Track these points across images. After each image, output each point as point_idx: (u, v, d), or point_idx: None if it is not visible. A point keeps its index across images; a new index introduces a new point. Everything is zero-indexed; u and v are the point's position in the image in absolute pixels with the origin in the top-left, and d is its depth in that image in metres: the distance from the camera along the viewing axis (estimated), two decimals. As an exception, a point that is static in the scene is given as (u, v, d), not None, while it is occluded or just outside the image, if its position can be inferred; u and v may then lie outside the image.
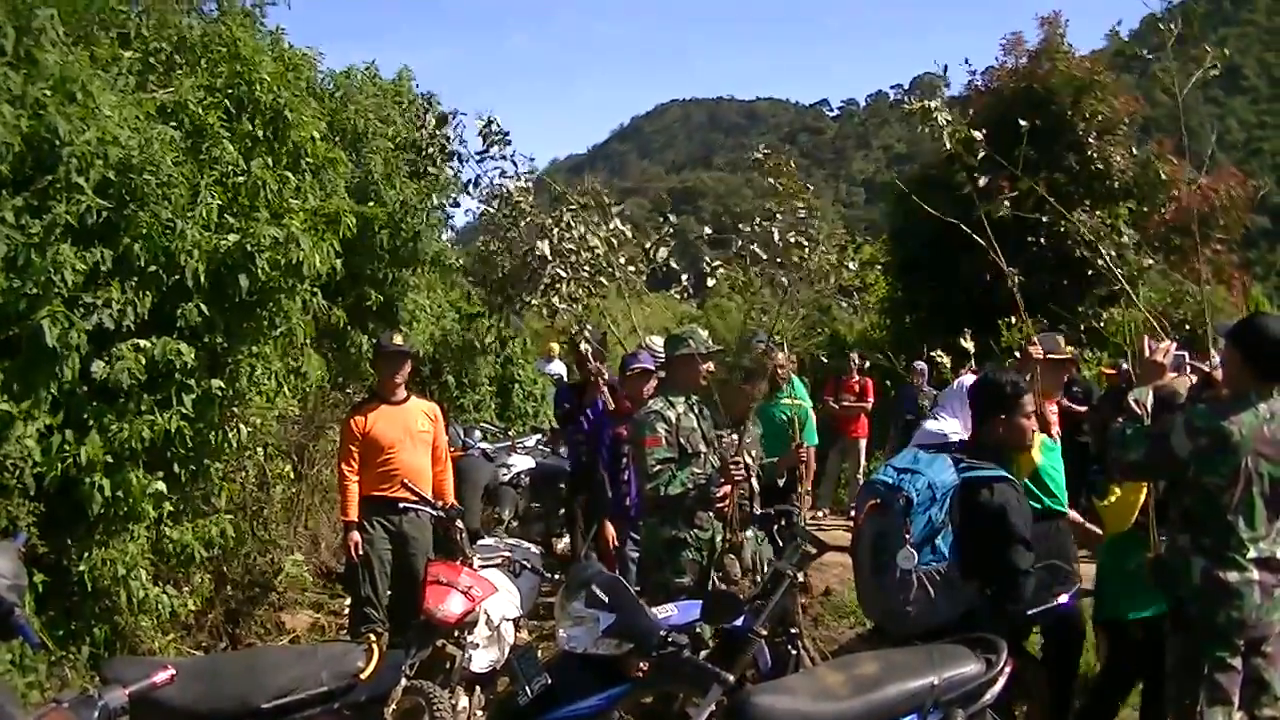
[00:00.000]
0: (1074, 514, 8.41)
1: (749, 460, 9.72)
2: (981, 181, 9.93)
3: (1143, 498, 7.48)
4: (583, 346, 12.76)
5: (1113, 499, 7.57)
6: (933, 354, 13.48)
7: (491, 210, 15.13)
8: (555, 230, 13.80)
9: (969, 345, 11.48)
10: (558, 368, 23.31)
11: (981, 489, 6.26)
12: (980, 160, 9.54)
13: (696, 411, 8.63)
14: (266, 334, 9.69)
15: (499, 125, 14.52)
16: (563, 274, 13.65)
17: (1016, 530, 6.21)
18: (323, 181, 10.69)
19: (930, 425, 8.46)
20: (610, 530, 10.08)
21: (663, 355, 9.55)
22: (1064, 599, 8.23)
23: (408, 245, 14.36)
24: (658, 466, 8.14)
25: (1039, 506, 7.81)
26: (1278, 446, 6.18)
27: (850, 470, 19.42)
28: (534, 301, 14.23)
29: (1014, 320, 13.03)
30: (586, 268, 13.73)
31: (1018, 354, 10.15)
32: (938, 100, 9.29)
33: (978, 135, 9.12)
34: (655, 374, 10.14)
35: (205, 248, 8.68)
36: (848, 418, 19.00)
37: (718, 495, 8.26)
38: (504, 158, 14.77)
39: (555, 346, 25.10)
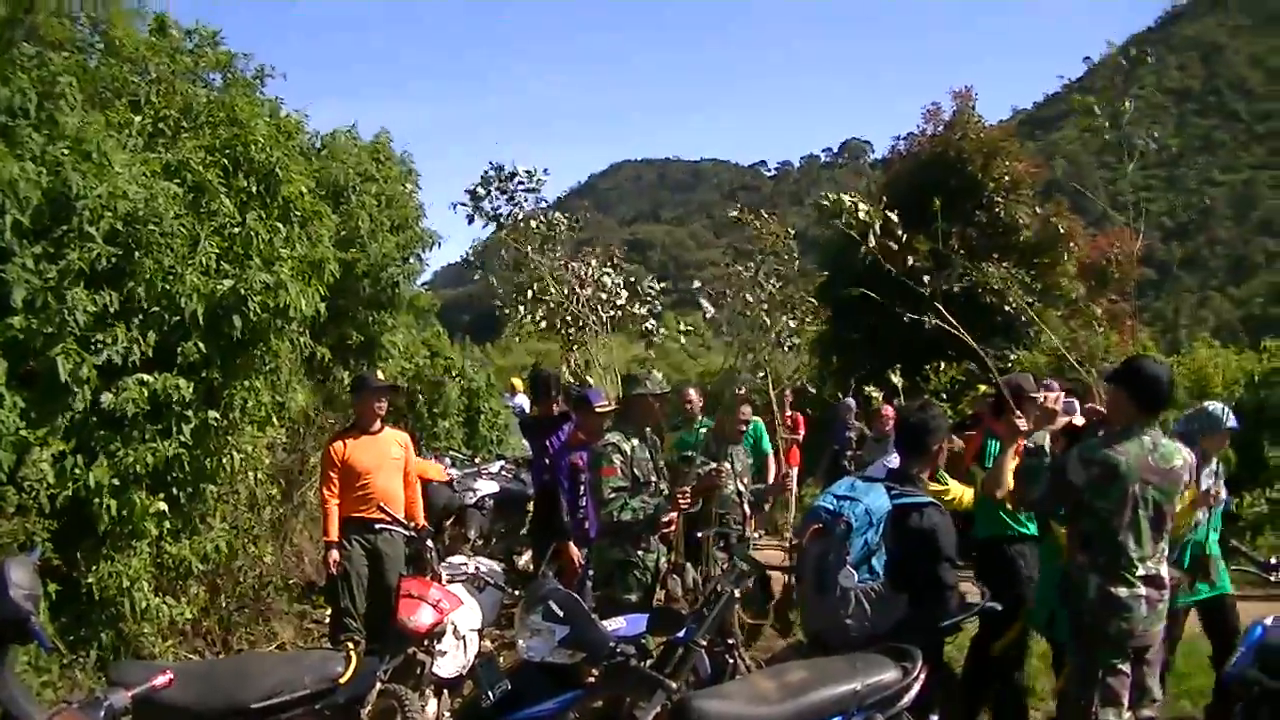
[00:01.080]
0: None
1: (741, 487, 9.92)
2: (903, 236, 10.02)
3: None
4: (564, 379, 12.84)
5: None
6: (866, 388, 13.62)
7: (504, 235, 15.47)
8: (559, 263, 13.92)
9: (897, 380, 11.60)
10: (521, 401, 23.30)
11: (912, 513, 6.40)
12: (899, 220, 9.63)
13: (650, 445, 8.74)
14: (258, 370, 9.74)
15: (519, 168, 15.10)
16: (559, 302, 13.76)
17: (943, 550, 6.36)
18: (309, 232, 10.70)
19: (890, 463, 8.53)
20: (574, 552, 10.06)
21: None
22: (973, 612, 8.34)
23: (386, 291, 14.42)
24: (612, 494, 8.23)
25: (1012, 531, 7.94)
26: (1160, 474, 6.30)
27: (783, 497, 19.45)
28: (525, 318, 14.38)
29: (941, 365, 13.15)
30: (585, 305, 13.81)
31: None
32: (851, 195, 9.32)
33: (893, 217, 9.15)
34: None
35: (203, 292, 8.72)
36: (784, 449, 19.08)
37: (664, 521, 8.35)
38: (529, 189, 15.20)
39: (518, 382, 25.15)
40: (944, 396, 17.77)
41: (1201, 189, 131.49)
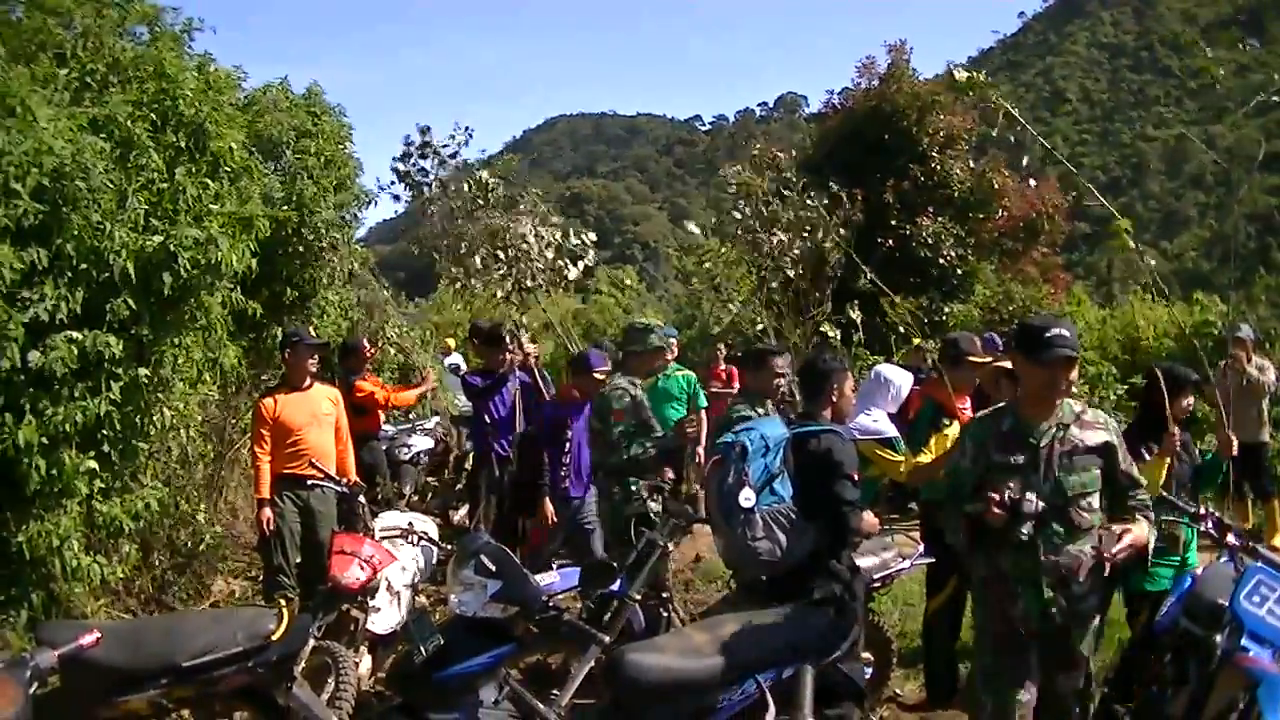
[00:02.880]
0: None
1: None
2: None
3: (1163, 474, 7.55)
4: (524, 339, 12.75)
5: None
6: (822, 330, 13.62)
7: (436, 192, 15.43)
8: (494, 218, 13.89)
9: (832, 334, 11.64)
10: (455, 359, 23.23)
11: (810, 439, 6.55)
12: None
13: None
14: (188, 327, 9.65)
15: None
16: (499, 259, 13.70)
17: (842, 467, 6.48)
18: (240, 188, 10.59)
19: (863, 420, 8.54)
20: (549, 508, 10.06)
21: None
22: (905, 565, 8.42)
23: (322, 246, 14.32)
24: (622, 436, 8.87)
25: None
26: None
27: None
28: (456, 278, 14.32)
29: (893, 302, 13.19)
30: (526, 261, 13.75)
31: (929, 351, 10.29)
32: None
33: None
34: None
35: (132, 248, 8.61)
36: (715, 402, 19.09)
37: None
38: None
39: (451, 341, 25.06)
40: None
41: (1135, 144, 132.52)
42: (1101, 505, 5.70)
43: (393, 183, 16.78)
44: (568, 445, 10.09)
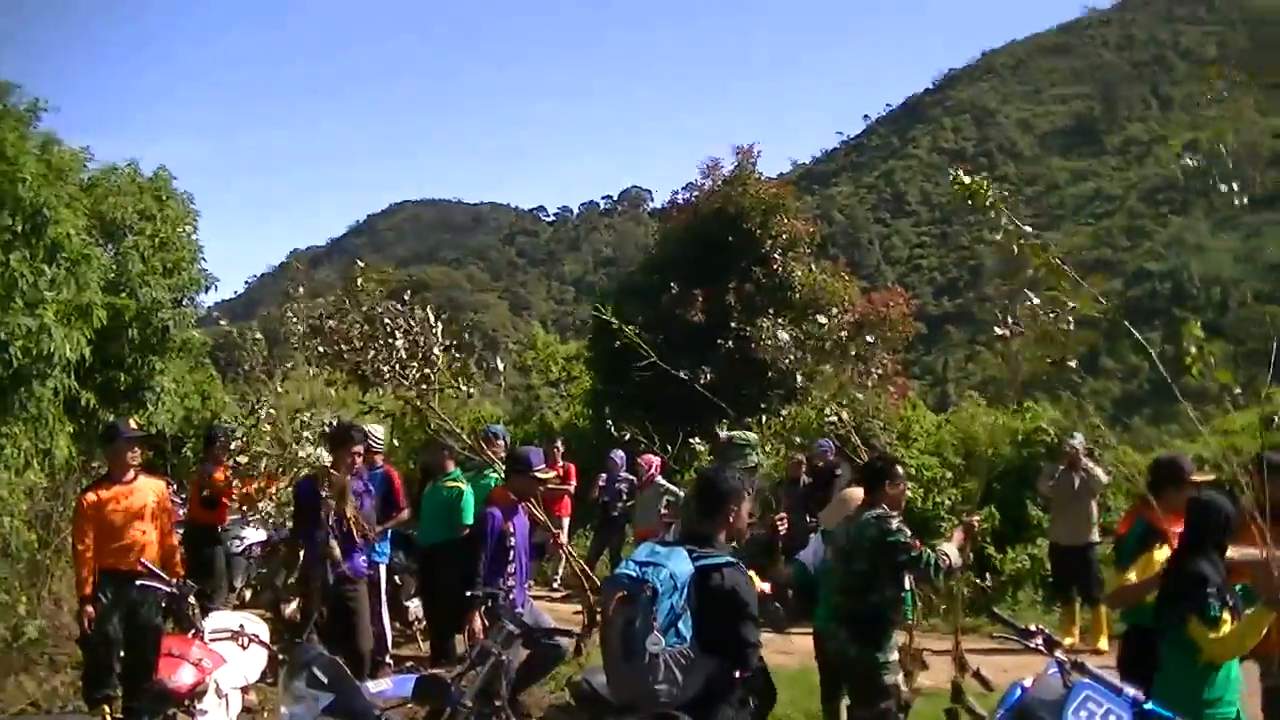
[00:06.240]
0: None
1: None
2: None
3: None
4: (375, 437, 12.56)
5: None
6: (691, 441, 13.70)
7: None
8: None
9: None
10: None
11: (713, 574, 6.40)
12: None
13: None
14: (17, 416, 9.47)
15: None
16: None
17: (747, 608, 6.41)
18: (77, 275, 10.45)
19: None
20: (478, 624, 9.15)
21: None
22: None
23: (157, 334, 14.16)
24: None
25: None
26: None
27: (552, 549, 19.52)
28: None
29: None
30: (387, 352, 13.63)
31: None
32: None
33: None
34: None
35: (-37, 336, 8.47)
36: (551, 498, 19.05)
37: None
38: None
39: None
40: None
41: (973, 247, 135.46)
42: None
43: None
44: (511, 554, 9.72)
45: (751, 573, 8.03)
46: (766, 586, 8.65)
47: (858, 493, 9.27)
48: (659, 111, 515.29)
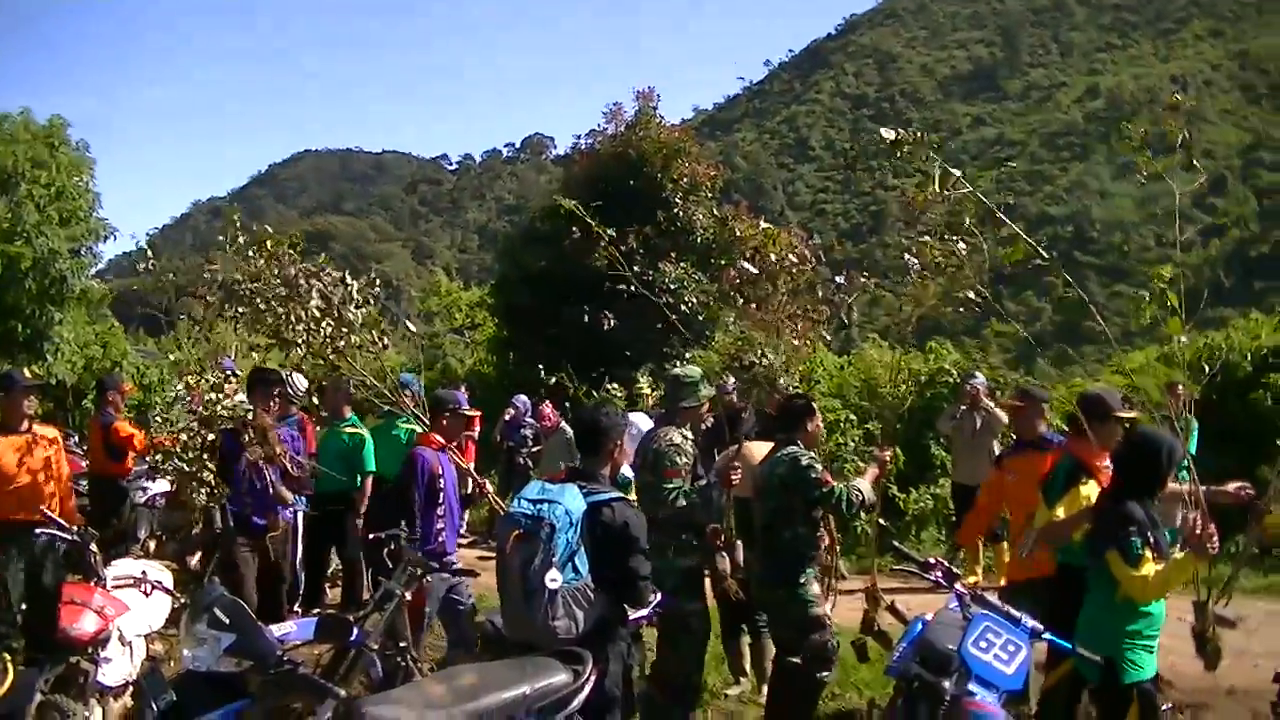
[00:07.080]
0: None
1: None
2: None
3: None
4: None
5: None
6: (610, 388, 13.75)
7: None
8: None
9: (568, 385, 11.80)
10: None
11: (604, 509, 6.59)
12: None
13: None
14: (-93, 367, 9.38)
15: None
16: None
17: (638, 542, 6.62)
18: (-32, 225, 10.34)
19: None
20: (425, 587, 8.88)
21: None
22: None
23: (55, 283, 14.02)
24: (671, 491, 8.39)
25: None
26: None
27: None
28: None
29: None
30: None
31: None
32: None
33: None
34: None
35: None
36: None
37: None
38: None
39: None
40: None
41: (875, 192, 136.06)
42: None
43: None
44: (441, 497, 9.62)
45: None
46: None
47: (759, 447, 9.44)
48: (562, 58, 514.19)
